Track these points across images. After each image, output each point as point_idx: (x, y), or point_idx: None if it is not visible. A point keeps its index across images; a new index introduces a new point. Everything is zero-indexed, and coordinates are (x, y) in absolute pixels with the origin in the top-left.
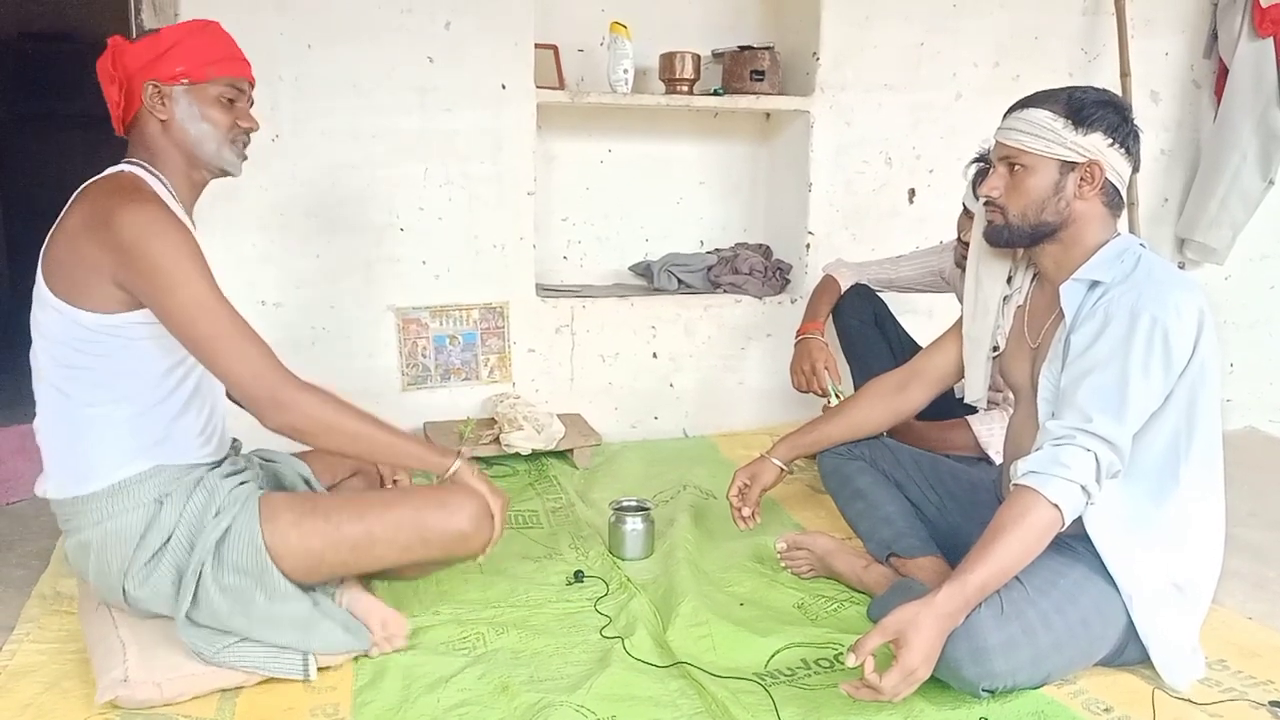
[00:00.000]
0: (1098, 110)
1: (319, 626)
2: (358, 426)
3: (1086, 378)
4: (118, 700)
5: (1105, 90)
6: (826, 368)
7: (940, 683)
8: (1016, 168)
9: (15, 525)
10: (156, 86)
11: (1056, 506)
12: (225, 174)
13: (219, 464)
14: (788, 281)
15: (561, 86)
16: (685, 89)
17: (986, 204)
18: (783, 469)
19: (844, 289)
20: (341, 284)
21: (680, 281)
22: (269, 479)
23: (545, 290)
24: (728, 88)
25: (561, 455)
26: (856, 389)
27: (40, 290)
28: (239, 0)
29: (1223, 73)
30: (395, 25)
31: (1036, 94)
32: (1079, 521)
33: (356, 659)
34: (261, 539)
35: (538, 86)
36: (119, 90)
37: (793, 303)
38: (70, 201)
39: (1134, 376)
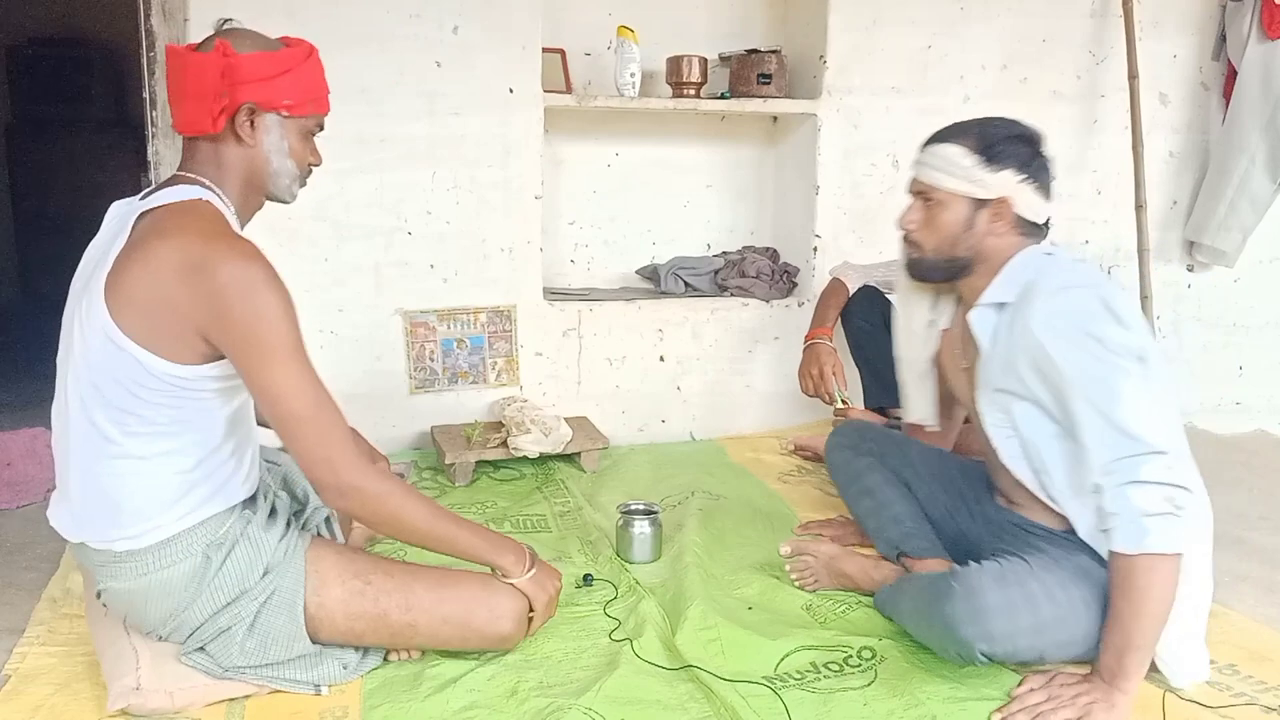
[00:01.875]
0: (1008, 146)
1: (322, 665)
2: (416, 521)
3: (1081, 417)
4: (129, 708)
5: (1017, 123)
6: (835, 373)
7: (952, 682)
8: (930, 202)
9: (25, 528)
10: (253, 109)
11: (1169, 554)
12: (281, 202)
13: (253, 498)
14: (795, 284)
15: (569, 90)
16: (692, 92)
17: (905, 237)
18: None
19: (851, 291)
20: (350, 288)
21: (687, 285)
22: (281, 485)
23: (552, 294)
24: (735, 91)
25: (569, 459)
26: (865, 391)
27: (100, 321)
28: (249, 5)
29: (1231, 75)
30: (403, 31)
31: (951, 127)
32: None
33: None
34: (302, 610)
35: (545, 90)
36: (216, 98)
37: (800, 306)
38: (137, 227)
39: (1113, 387)
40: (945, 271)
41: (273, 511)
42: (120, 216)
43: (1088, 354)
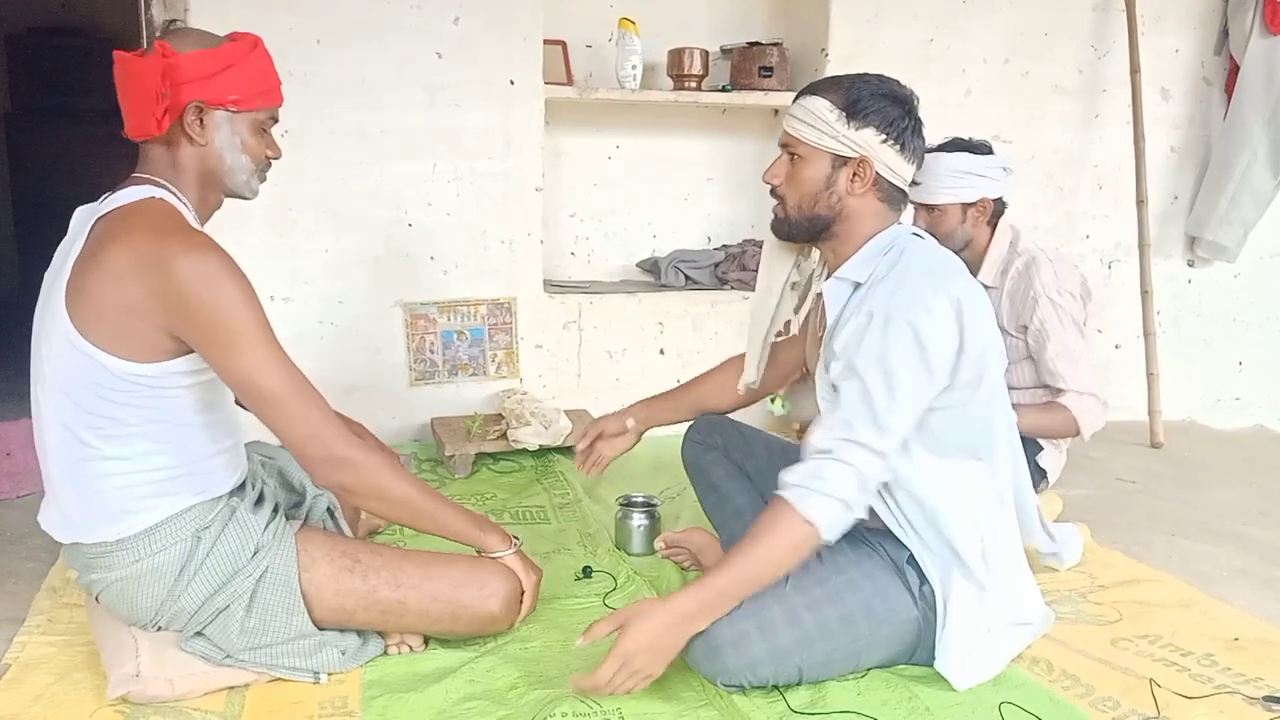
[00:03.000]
0: (874, 103)
1: (321, 652)
2: (406, 493)
3: (846, 383)
4: (129, 695)
5: (890, 81)
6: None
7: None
8: (795, 157)
9: (25, 518)
10: (200, 107)
11: (811, 523)
12: (241, 198)
13: (241, 486)
14: None
15: (570, 82)
16: (694, 85)
17: (771, 192)
18: (626, 426)
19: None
20: (350, 279)
21: (688, 278)
22: (277, 479)
23: (553, 286)
24: (736, 84)
25: (568, 451)
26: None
27: (63, 328)
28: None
29: (1233, 70)
30: (405, 22)
31: (823, 80)
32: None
33: None
34: (298, 585)
35: (546, 83)
36: (162, 104)
37: None
38: (93, 232)
39: (891, 381)
40: (807, 231)
41: (260, 499)
42: (80, 222)
43: (901, 346)
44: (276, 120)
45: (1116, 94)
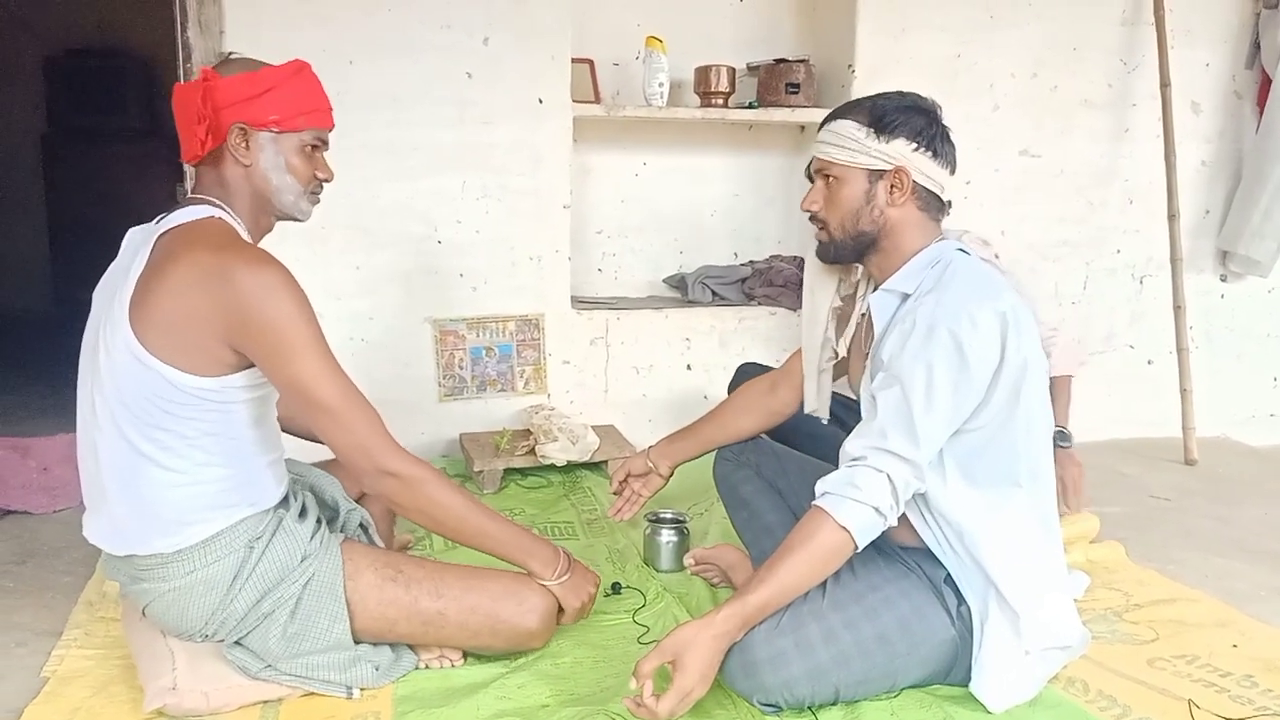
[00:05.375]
0: (900, 115)
1: (355, 667)
2: (453, 506)
3: (884, 393)
4: (165, 708)
5: (912, 94)
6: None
7: (974, 700)
8: (830, 180)
9: (62, 532)
10: (244, 129)
11: (846, 529)
12: (293, 220)
13: (285, 498)
14: None
15: (597, 100)
16: (720, 102)
17: (811, 219)
18: (650, 465)
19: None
20: (380, 295)
21: (714, 294)
22: (312, 498)
23: (580, 302)
24: (763, 101)
25: (596, 467)
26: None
27: (125, 341)
28: (282, 17)
29: (1265, 83)
30: (436, 41)
31: (845, 104)
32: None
33: None
34: (343, 593)
35: (574, 100)
36: (203, 125)
37: None
38: (156, 248)
39: (930, 391)
40: (854, 250)
41: (303, 510)
42: (138, 242)
43: (943, 357)
44: (326, 143)
45: (1146, 108)
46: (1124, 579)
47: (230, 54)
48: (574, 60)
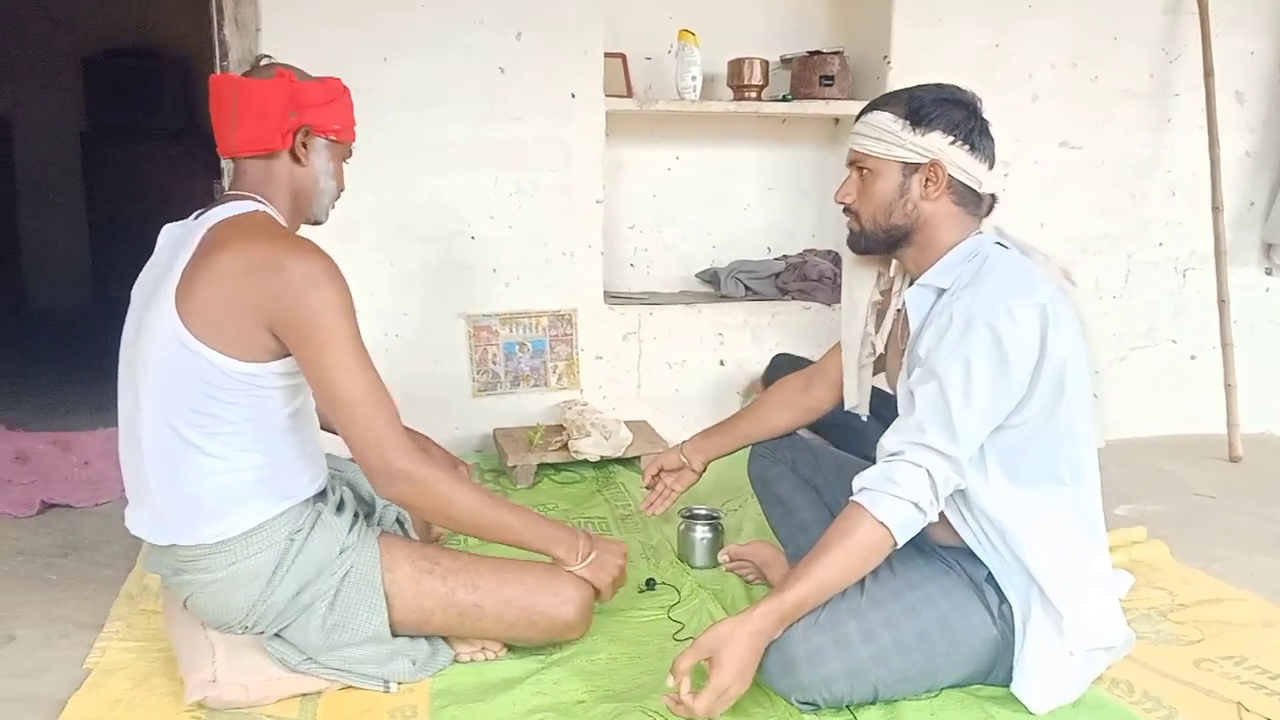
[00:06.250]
0: (937, 108)
1: (392, 661)
2: (467, 505)
3: (922, 388)
4: (206, 700)
5: (950, 87)
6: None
7: (1015, 701)
8: (864, 172)
9: (103, 526)
10: (308, 131)
11: (885, 525)
12: (315, 223)
13: (322, 492)
14: None
15: (629, 94)
16: (753, 95)
17: (844, 210)
18: (684, 460)
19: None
20: (413, 291)
21: (748, 288)
22: (350, 492)
23: (613, 297)
24: (796, 93)
25: (629, 462)
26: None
27: (171, 327)
28: (318, 14)
29: None
30: (468, 38)
31: (882, 96)
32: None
33: None
34: (381, 584)
35: (606, 95)
36: (284, 119)
37: None
38: (204, 240)
39: (969, 386)
40: (885, 242)
41: (341, 504)
42: (176, 237)
43: (981, 351)
44: (351, 155)
45: (1189, 98)
46: (1168, 578)
47: (264, 57)
48: (606, 54)
